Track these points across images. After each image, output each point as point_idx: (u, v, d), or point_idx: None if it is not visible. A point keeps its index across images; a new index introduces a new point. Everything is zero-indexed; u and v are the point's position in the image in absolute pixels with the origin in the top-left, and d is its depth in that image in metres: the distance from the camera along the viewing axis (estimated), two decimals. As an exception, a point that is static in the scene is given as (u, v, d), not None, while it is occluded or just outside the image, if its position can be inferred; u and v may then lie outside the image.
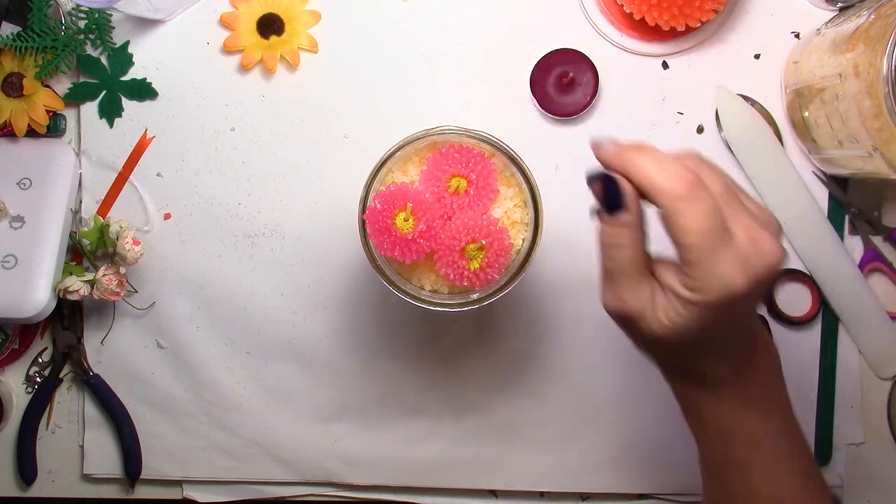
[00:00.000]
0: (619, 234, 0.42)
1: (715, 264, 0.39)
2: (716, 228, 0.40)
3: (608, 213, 0.42)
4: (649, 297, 0.42)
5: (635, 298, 0.43)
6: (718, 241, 0.40)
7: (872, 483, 0.65)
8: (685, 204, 0.39)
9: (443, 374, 0.66)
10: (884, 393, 0.65)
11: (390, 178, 0.53)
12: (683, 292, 0.41)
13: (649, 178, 0.40)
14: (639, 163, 0.41)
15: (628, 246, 0.42)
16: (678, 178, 0.40)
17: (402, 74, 0.65)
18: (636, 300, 0.43)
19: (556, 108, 0.63)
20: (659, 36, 0.62)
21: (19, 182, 0.63)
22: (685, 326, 0.41)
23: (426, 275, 0.54)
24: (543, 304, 0.64)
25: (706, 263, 0.39)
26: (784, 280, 0.64)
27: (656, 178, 0.40)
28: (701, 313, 0.41)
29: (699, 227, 0.39)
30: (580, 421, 0.65)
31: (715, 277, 0.39)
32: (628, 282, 0.43)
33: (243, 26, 0.64)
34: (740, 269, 0.40)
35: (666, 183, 0.40)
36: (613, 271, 0.43)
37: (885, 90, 0.49)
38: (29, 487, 0.67)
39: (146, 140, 0.66)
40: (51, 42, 0.63)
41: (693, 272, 0.40)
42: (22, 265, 0.61)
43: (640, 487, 0.65)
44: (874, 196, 0.64)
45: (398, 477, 0.66)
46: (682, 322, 0.41)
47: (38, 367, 0.68)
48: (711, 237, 0.39)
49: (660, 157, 0.41)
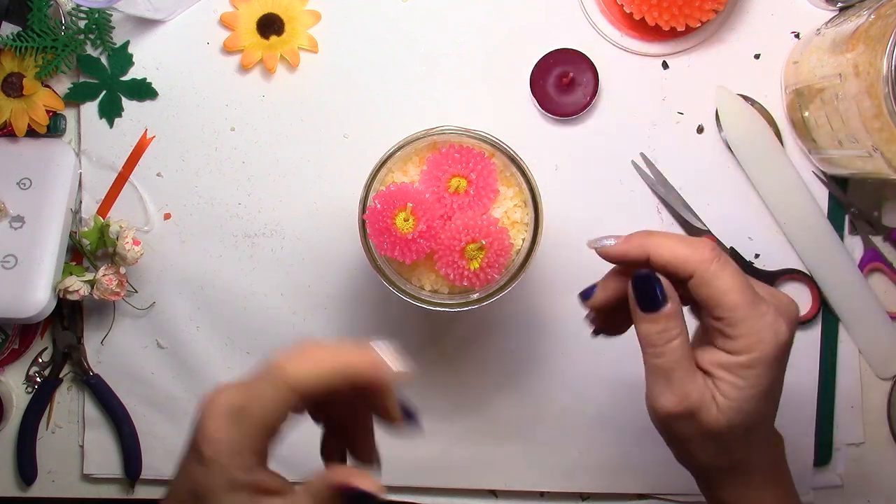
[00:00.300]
0: (669, 326, 0.41)
1: (760, 316, 0.40)
2: (749, 285, 0.41)
3: (645, 311, 0.42)
4: (706, 388, 0.42)
5: (696, 389, 0.41)
6: (755, 295, 0.41)
7: (872, 483, 0.65)
8: (718, 265, 0.40)
9: (443, 374, 0.66)
10: (884, 393, 0.65)
11: (390, 178, 0.53)
12: (735, 359, 0.41)
13: (675, 252, 0.41)
14: (660, 241, 0.42)
15: (678, 334, 0.42)
16: (702, 245, 0.41)
17: (402, 74, 0.65)
18: (697, 391, 0.41)
19: (556, 108, 0.63)
20: (659, 36, 0.62)
21: (19, 182, 0.63)
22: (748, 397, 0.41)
23: (426, 275, 0.54)
24: (543, 304, 0.64)
25: (752, 318, 0.40)
26: (784, 280, 0.64)
27: (684, 249, 0.41)
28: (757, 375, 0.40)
29: (737, 283, 0.40)
30: (580, 421, 0.65)
31: (764, 329, 0.40)
32: (686, 375, 0.41)
33: (243, 26, 0.64)
34: (782, 318, 0.41)
35: (695, 252, 0.41)
36: (667, 368, 0.42)
37: (885, 90, 0.49)
38: (29, 487, 0.67)
39: (146, 140, 0.66)
40: (51, 42, 0.63)
41: (740, 331, 0.40)
42: (22, 265, 0.61)
43: (640, 487, 0.65)
44: (874, 196, 0.64)
45: (398, 477, 0.66)
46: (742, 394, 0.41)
47: (38, 367, 0.68)
48: (750, 292, 0.41)
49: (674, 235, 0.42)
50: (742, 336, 0.40)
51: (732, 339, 0.41)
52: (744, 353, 0.40)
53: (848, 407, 0.64)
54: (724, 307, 0.40)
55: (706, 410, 0.41)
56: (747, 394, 0.41)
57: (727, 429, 0.41)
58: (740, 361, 0.40)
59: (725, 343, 0.41)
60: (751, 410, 0.41)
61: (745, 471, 0.44)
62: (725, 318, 0.40)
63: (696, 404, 0.41)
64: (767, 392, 0.41)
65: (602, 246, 0.44)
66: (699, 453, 0.43)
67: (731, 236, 0.64)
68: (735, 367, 0.41)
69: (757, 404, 0.41)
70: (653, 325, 0.42)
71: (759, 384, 0.41)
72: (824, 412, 0.64)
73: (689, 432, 0.42)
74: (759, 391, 0.41)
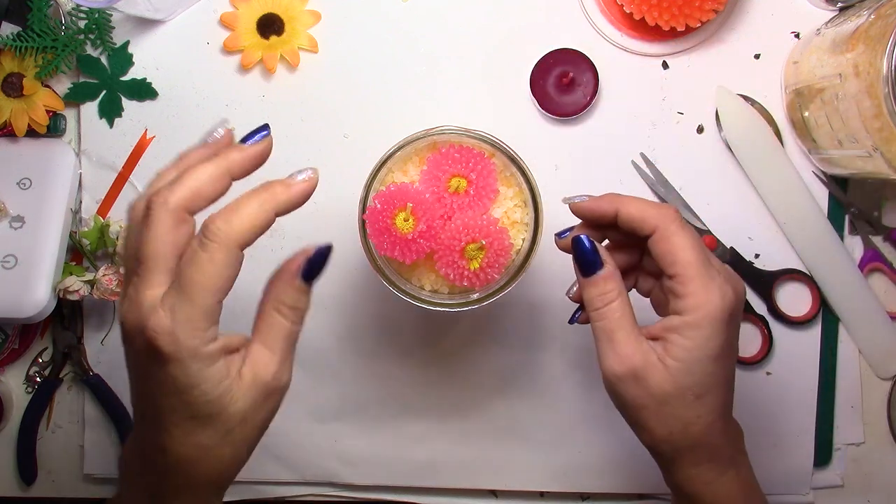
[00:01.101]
0: (606, 288, 0.45)
1: (710, 277, 0.43)
2: (704, 250, 0.44)
3: (586, 276, 0.45)
4: (650, 350, 0.44)
5: (638, 352, 0.44)
6: (708, 258, 0.44)
7: (872, 483, 0.65)
8: (678, 225, 0.44)
9: (443, 374, 0.66)
10: (884, 393, 0.65)
11: (390, 178, 0.53)
12: (684, 319, 0.43)
13: (641, 208, 0.44)
14: (629, 199, 0.45)
15: (617, 296, 0.45)
16: (667, 207, 0.45)
17: (402, 74, 0.65)
18: (640, 353, 0.43)
19: (556, 108, 0.63)
20: (659, 36, 0.62)
21: (19, 182, 0.63)
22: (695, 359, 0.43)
23: (426, 275, 0.54)
24: (543, 303, 0.64)
25: (703, 276, 0.43)
26: (784, 280, 0.64)
27: (650, 208, 0.44)
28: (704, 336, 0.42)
29: (693, 244, 0.43)
30: (580, 421, 0.65)
31: (713, 289, 0.42)
32: (627, 336, 0.44)
33: (243, 26, 0.64)
34: (729, 283, 0.43)
35: (658, 210, 0.44)
36: (610, 329, 0.44)
37: (885, 90, 0.49)
38: (29, 487, 0.67)
39: (146, 140, 0.66)
40: (51, 42, 0.63)
41: (689, 289, 0.43)
42: (22, 265, 0.61)
43: (640, 487, 0.65)
44: (874, 196, 0.64)
45: (398, 477, 0.66)
46: (690, 355, 0.43)
47: (38, 367, 0.68)
48: (704, 254, 0.44)
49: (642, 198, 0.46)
50: (691, 294, 0.42)
51: (683, 297, 0.43)
52: (692, 312, 0.42)
53: (848, 407, 0.65)
54: (678, 263, 0.43)
55: (652, 371, 0.43)
56: (695, 355, 0.42)
57: (676, 390, 0.43)
58: (688, 321, 0.43)
59: (676, 303, 0.43)
60: (699, 372, 0.43)
61: (703, 451, 0.45)
62: (679, 274, 0.43)
63: (640, 365, 0.43)
64: (716, 356, 0.43)
65: (575, 201, 0.47)
66: (654, 423, 0.44)
67: (731, 236, 0.64)
68: (684, 328, 0.43)
69: (704, 367, 0.43)
70: (593, 288, 0.45)
71: (706, 346, 0.42)
72: (824, 412, 0.64)
73: (638, 396, 0.44)
74: (706, 353, 0.43)
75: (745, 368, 0.64)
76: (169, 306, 0.37)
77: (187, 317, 0.37)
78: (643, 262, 0.49)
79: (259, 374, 0.40)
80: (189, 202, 0.39)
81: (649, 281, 0.49)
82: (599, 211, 0.46)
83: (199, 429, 0.38)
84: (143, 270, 0.38)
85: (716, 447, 0.45)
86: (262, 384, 0.40)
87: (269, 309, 0.41)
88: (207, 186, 0.39)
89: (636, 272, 0.50)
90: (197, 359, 0.37)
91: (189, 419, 0.38)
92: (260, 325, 0.41)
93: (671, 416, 0.44)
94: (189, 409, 0.38)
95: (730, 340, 0.44)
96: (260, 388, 0.39)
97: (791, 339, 0.64)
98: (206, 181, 0.39)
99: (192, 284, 0.37)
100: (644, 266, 0.49)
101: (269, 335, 0.41)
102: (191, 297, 0.37)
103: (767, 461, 0.64)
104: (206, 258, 0.37)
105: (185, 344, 0.36)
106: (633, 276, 0.50)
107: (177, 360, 0.37)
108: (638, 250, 0.49)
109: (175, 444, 0.39)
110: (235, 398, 0.39)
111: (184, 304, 0.37)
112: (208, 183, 0.39)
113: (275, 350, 0.40)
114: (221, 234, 0.38)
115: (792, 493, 0.64)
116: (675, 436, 0.44)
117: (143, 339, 0.37)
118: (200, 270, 0.37)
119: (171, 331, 0.36)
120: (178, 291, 0.37)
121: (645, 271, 0.49)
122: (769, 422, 0.64)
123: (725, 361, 0.44)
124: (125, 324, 0.38)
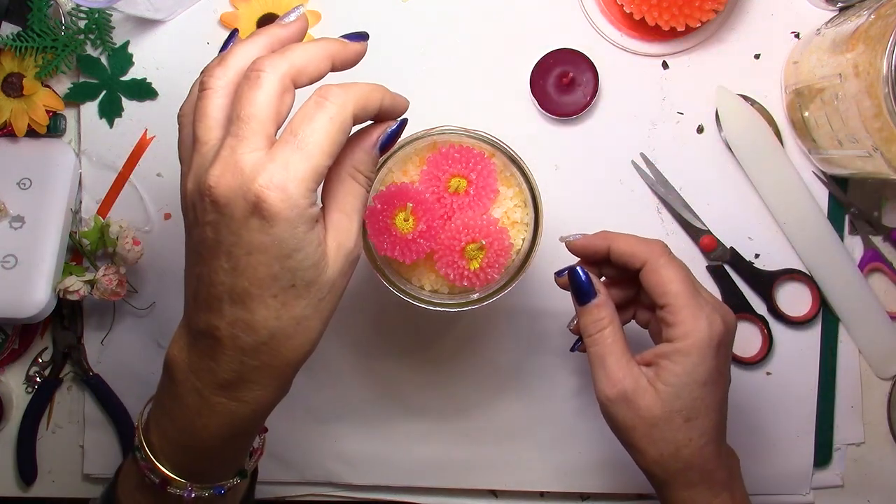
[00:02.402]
0: (598, 314, 0.48)
1: (698, 307, 0.45)
2: (692, 281, 0.47)
3: (581, 304, 0.49)
4: (641, 375, 0.46)
5: (629, 376, 0.46)
6: (697, 289, 0.47)
7: (872, 483, 0.65)
8: (666, 259, 0.47)
9: (442, 374, 0.66)
10: (884, 393, 0.65)
11: (390, 178, 0.53)
12: (674, 346, 0.45)
13: (632, 244, 0.48)
14: (620, 236, 0.49)
15: (609, 323, 0.47)
16: (655, 242, 0.48)
17: (402, 74, 0.65)
18: (630, 377, 0.46)
19: (556, 108, 0.63)
20: (659, 36, 0.62)
21: (19, 182, 0.63)
22: (683, 384, 0.45)
23: (426, 275, 0.54)
24: (544, 303, 0.64)
25: (691, 307, 0.45)
26: (784, 280, 0.64)
27: (639, 244, 0.48)
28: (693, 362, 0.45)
29: (682, 275, 0.46)
30: (580, 421, 0.65)
31: (701, 318, 0.45)
32: (618, 361, 0.46)
33: (243, 26, 0.64)
34: (717, 314, 0.46)
35: (647, 245, 0.48)
36: (602, 354, 0.47)
37: (885, 90, 0.49)
38: (29, 487, 0.67)
39: (146, 140, 0.66)
40: (51, 42, 0.63)
41: (679, 318, 0.45)
42: (22, 265, 0.61)
43: (640, 487, 0.65)
44: (874, 196, 0.64)
45: (398, 477, 0.66)
46: (679, 380, 0.45)
47: (38, 367, 0.68)
48: (692, 285, 0.47)
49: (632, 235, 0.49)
50: (680, 323, 0.45)
51: (673, 326, 0.46)
52: (681, 340, 0.45)
53: (848, 407, 0.65)
54: (668, 294, 0.46)
55: (641, 395, 0.45)
56: (683, 380, 0.45)
57: (665, 413, 0.45)
58: (678, 347, 0.45)
59: (667, 331, 0.46)
60: (687, 396, 0.45)
61: (696, 474, 0.46)
62: (669, 305, 0.46)
63: (630, 388, 0.46)
64: (704, 381, 0.45)
65: (570, 240, 0.51)
66: (645, 445, 0.46)
67: (731, 236, 0.64)
68: (673, 354, 0.45)
69: (692, 391, 0.45)
70: (587, 315, 0.48)
71: (694, 371, 0.45)
72: (824, 412, 0.64)
73: (628, 418, 0.46)
74: (694, 378, 0.45)
75: (745, 368, 0.64)
76: (283, 162, 0.35)
77: (302, 175, 0.36)
78: (640, 296, 0.52)
79: (343, 242, 0.39)
80: (296, 74, 0.38)
81: (646, 313, 0.52)
82: (592, 248, 0.50)
83: (297, 299, 0.38)
84: (243, 132, 0.36)
85: (709, 471, 0.46)
86: (346, 251, 0.39)
87: (346, 175, 0.40)
88: (312, 65, 0.39)
89: (634, 305, 0.53)
90: (304, 219, 0.36)
91: (289, 288, 0.37)
92: (336, 192, 0.40)
93: (661, 439, 0.45)
94: (291, 276, 0.37)
95: (718, 367, 0.46)
96: (344, 255, 0.39)
97: (791, 339, 0.64)
98: (312, 59, 0.39)
99: (310, 142, 0.36)
100: (641, 300, 0.52)
101: (346, 202, 0.40)
102: (309, 154, 0.36)
103: (767, 461, 0.64)
104: (325, 118, 0.37)
105: (297, 202, 0.36)
106: (631, 310, 0.53)
107: (286, 219, 0.36)
108: (634, 285, 0.51)
109: (271, 317, 0.38)
110: (328, 264, 0.38)
111: (300, 161, 0.36)
112: (314, 61, 0.39)
113: (352, 218, 0.40)
114: (340, 99, 0.37)
115: (792, 493, 0.64)
116: (665, 458, 0.46)
117: (248, 201, 0.35)
118: (320, 129, 0.36)
119: (285, 187, 0.35)
120: (293, 148, 0.36)
121: (642, 304, 0.52)
122: (769, 422, 0.64)
123: (714, 387, 0.46)
124: (215, 189, 0.36)
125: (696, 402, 0.45)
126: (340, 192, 0.40)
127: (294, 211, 0.36)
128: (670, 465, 0.46)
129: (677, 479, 0.46)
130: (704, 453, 0.46)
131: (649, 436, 0.46)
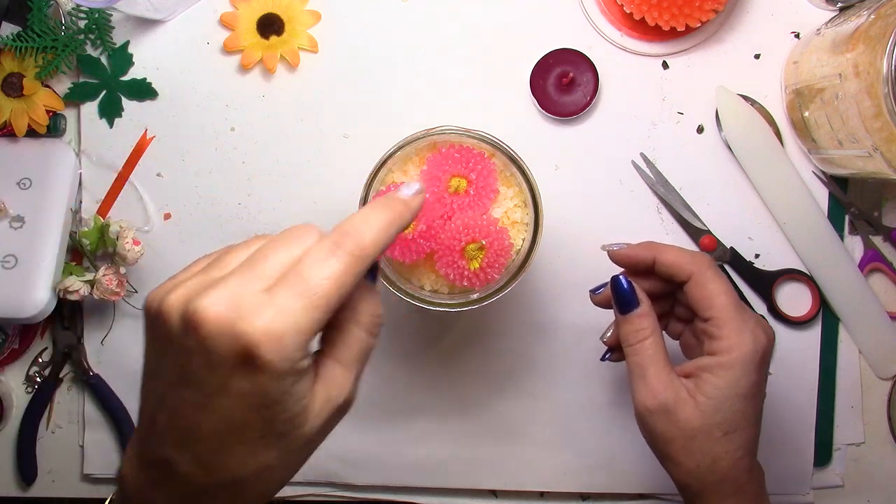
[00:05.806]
0: (640, 324, 0.47)
1: (743, 321, 0.46)
2: (737, 296, 0.47)
3: (623, 313, 0.48)
4: (681, 387, 0.46)
5: (670, 388, 0.46)
6: (741, 305, 0.47)
7: (872, 483, 0.65)
8: (713, 272, 0.47)
9: (443, 374, 0.66)
10: (884, 393, 0.65)
11: (390, 178, 0.54)
12: (717, 359, 0.45)
13: (679, 257, 0.48)
14: (666, 247, 0.48)
15: (651, 333, 0.47)
16: (702, 256, 0.48)
17: (402, 74, 0.65)
18: (671, 389, 0.46)
19: (556, 108, 0.63)
20: (659, 36, 0.62)
21: (19, 182, 0.63)
22: (725, 397, 0.45)
23: (426, 275, 0.54)
24: (543, 303, 0.64)
25: (736, 320, 0.45)
26: (784, 280, 0.64)
27: (686, 255, 0.48)
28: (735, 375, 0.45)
29: (728, 289, 0.46)
30: (580, 421, 0.65)
31: (746, 332, 0.45)
32: (659, 372, 0.46)
33: (243, 26, 0.64)
34: (760, 328, 0.46)
35: (694, 258, 0.48)
36: (643, 365, 0.47)
37: (885, 90, 0.49)
38: (29, 487, 0.67)
39: (146, 140, 0.66)
40: (51, 42, 0.63)
41: (724, 332, 0.45)
42: (22, 265, 0.61)
43: (640, 487, 0.65)
44: (874, 196, 0.64)
45: (398, 477, 0.66)
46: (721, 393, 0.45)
47: (38, 367, 0.68)
48: (737, 300, 0.46)
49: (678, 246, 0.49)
50: (725, 337, 0.45)
51: (717, 339, 0.46)
52: (725, 353, 0.45)
53: (848, 407, 0.65)
54: (714, 308, 0.46)
55: (682, 407, 0.45)
56: (725, 393, 0.45)
57: (704, 426, 0.45)
58: (721, 361, 0.45)
59: (710, 344, 0.46)
60: (728, 410, 0.45)
61: (730, 487, 0.46)
62: (714, 318, 0.46)
63: (671, 400, 0.46)
64: (745, 395, 0.45)
65: (613, 248, 0.50)
66: (683, 457, 0.46)
67: (731, 236, 0.64)
68: (716, 367, 0.45)
69: (733, 404, 0.45)
70: (629, 325, 0.48)
71: (736, 385, 0.45)
72: (824, 412, 0.64)
73: (667, 430, 0.46)
74: (736, 392, 0.45)
75: (745, 368, 0.64)
76: (284, 307, 0.32)
77: (302, 327, 0.33)
78: (675, 309, 0.52)
79: (332, 395, 0.36)
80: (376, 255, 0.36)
81: (679, 326, 0.52)
82: (637, 258, 0.49)
83: (265, 449, 0.35)
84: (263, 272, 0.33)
85: (741, 484, 0.46)
86: (334, 406, 0.36)
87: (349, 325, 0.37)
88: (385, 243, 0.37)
89: (667, 317, 0.53)
90: (292, 372, 0.33)
91: (259, 438, 0.34)
92: (334, 339, 0.37)
93: (699, 451, 0.45)
94: (264, 427, 0.34)
95: (759, 382, 0.46)
96: (331, 409, 0.36)
97: (791, 339, 0.64)
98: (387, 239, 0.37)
99: (318, 292, 0.33)
100: (675, 312, 0.52)
101: (343, 352, 0.37)
102: (314, 305, 0.33)
103: (767, 461, 0.64)
104: (339, 268, 0.34)
105: (291, 355, 0.32)
106: (663, 322, 0.53)
107: (275, 370, 0.32)
108: (669, 298, 0.52)
109: (234, 463, 0.34)
110: (308, 418, 0.35)
111: (304, 312, 0.33)
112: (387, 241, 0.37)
113: (349, 369, 0.37)
114: (359, 249, 0.35)
115: (792, 493, 0.65)
116: (702, 470, 0.46)
117: (238, 343, 0.32)
118: (333, 280, 0.33)
119: (282, 337, 0.32)
120: (298, 293, 0.33)
121: (675, 317, 0.52)
122: (769, 422, 0.64)
123: (753, 402, 0.46)
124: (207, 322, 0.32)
125: (735, 416, 0.45)
126: (339, 340, 0.37)
127: (286, 364, 0.32)
128: (706, 478, 0.46)
129: (712, 491, 0.46)
130: (739, 466, 0.46)
131: (687, 448, 0.46)
